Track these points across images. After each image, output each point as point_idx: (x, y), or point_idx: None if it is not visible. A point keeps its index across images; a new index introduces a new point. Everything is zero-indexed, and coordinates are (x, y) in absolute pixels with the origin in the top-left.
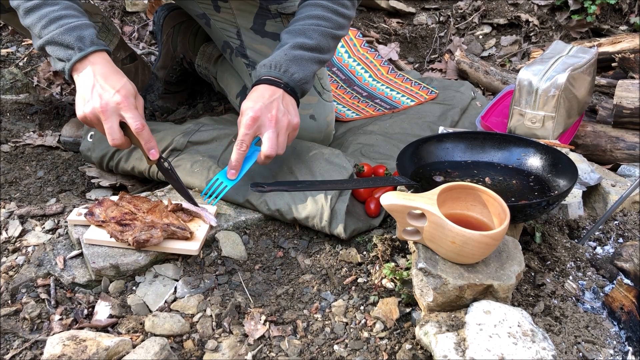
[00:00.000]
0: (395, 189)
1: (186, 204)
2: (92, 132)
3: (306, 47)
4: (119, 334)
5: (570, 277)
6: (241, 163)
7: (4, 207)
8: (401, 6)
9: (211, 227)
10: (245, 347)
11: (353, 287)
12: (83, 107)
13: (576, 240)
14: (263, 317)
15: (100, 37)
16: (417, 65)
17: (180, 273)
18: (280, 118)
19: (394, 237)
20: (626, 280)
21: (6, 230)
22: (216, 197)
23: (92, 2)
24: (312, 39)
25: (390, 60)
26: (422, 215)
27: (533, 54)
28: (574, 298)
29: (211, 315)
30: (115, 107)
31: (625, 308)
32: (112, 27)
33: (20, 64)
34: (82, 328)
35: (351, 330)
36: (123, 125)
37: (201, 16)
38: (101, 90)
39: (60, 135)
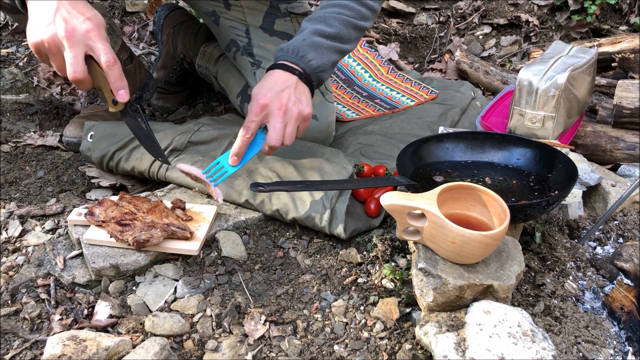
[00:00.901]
0: (395, 189)
1: (187, 167)
2: (92, 132)
3: (325, 35)
4: (119, 334)
5: (570, 277)
6: (244, 150)
7: (4, 207)
8: (401, 6)
9: (211, 226)
10: (245, 347)
11: (353, 287)
12: (40, 31)
13: (576, 240)
14: (263, 317)
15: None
16: (417, 65)
17: (180, 273)
18: (290, 107)
19: (394, 237)
20: (626, 280)
21: (6, 230)
22: (216, 180)
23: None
24: (332, 26)
25: (390, 60)
26: (422, 215)
27: (533, 54)
28: (574, 298)
29: (211, 315)
30: (84, 34)
31: (625, 308)
32: (116, 28)
33: (20, 64)
34: (82, 328)
35: (351, 330)
36: (87, 62)
37: (210, 14)
38: (67, 15)
39: (62, 135)
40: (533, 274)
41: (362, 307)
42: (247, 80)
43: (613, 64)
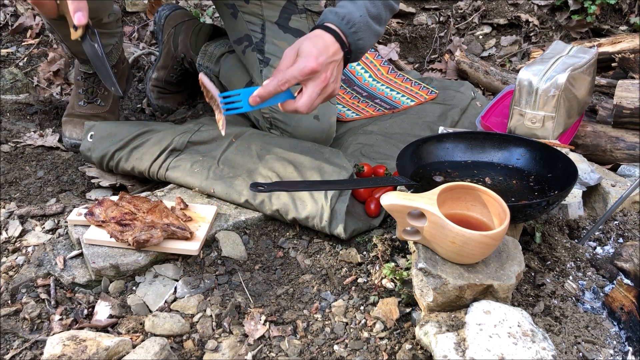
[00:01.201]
0: (395, 189)
1: (208, 82)
2: (92, 132)
3: (371, 16)
4: (119, 334)
5: (570, 277)
6: (270, 97)
7: (4, 207)
8: (401, 6)
9: (211, 226)
10: (245, 347)
11: (353, 287)
12: None
13: (576, 240)
14: (263, 317)
15: (119, 43)
16: (417, 65)
17: (180, 273)
18: (330, 84)
19: (394, 237)
20: (626, 280)
21: (6, 230)
22: (228, 110)
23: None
24: (376, 6)
25: (390, 60)
26: (422, 215)
27: (533, 54)
28: (574, 298)
29: (211, 315)
30: None
31: (625, 308)
32: (123, 33)
33: (20, 64)
34: (82, 328)
35: (351, 330)
36: None
37: (230, 6)
38: None
39: (65, 137)
40: (533, 274)
41: (362, 307)
42: (252, 77)
43: (613, 64)
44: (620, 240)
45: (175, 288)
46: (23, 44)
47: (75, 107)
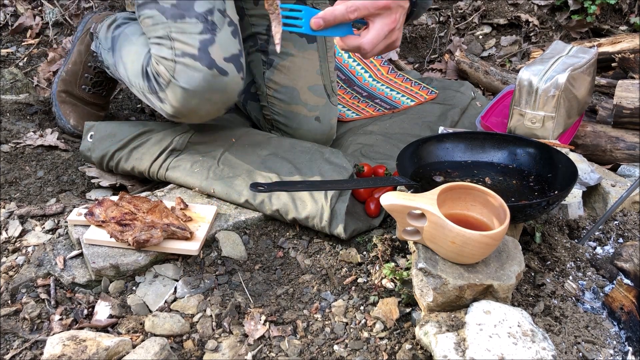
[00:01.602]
0: (395, 189)
1: None
2: (92, 132)
3: None
4: (119, 334)
5: (570, 277)
6: (334, 24)
7: (4, 207)
8: None
9: (211, 226)
10: (245, 347)
11: (353, 287)
12: None
13: (576, 240)
14: (263, 317)
15: None
16: (417, 65)
17: (180, 273)
18: (396, 29)
19: (394, 237)
20: (626, 280)
21: (6, 230)
22: (286, 25)
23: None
24: None
25: (390, 60)
26: (422, 215)
27: (533, 54)
28: (574, 298)
29: (211, 315)
30: None
31: (625, 308)
32: None
33: (20, 64)
34: (82, 328)
35: (351, 330)
36: None
37: (238, 9)
38: None
39: (68, 124)
40: (533, 274)
41: (362, 307)
42: (255, 78)
43: (613, 64)
44: (620, 240)
45: (175, 288)
46: (23, 44)
47: (78, 88)
